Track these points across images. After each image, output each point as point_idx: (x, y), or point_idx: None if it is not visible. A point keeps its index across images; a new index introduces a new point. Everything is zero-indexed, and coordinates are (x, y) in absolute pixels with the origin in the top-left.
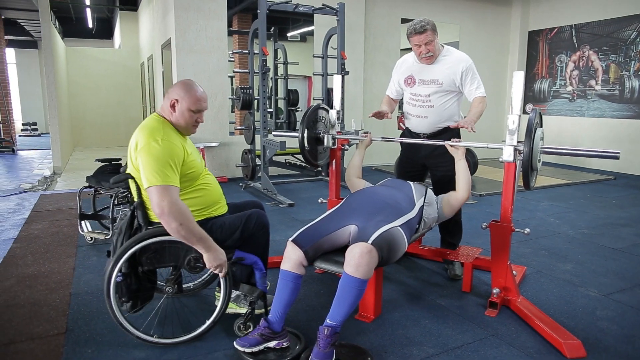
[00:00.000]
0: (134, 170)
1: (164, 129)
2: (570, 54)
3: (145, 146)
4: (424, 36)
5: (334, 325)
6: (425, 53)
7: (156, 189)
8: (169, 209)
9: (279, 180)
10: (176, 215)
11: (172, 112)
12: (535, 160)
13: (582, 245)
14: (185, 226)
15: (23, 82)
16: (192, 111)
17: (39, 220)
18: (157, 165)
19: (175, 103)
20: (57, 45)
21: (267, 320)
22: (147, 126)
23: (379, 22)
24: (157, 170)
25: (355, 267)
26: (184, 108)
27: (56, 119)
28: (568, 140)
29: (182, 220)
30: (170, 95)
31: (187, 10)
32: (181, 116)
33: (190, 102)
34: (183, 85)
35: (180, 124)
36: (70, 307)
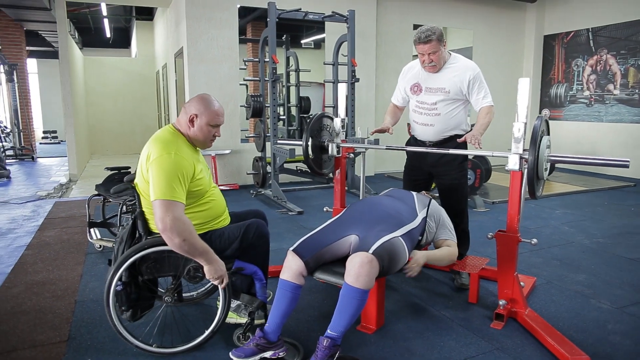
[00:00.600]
0: (143, 181)
1: (178, 142)
2: (587, 58)
3: (157, 158)
4: (428, 46)
5: (334, 336)
6: (428, 62)
7: (161, 203)
8: (171, 225)
9: (290, 188)
10: (179, 231)
11: (191, 127)
12: (541, 168)
13: (596, 255)
14: (188, 242)
15: (44, 91)
16: (211, 126)
17: (51, 227)
18: (166, 179)
19: (195, 118)
20: (74, 55)
21: (263, 331)
22: (161, 139)
23: (390, 29)
24: (165, 184)
25: (355, 277)
26: (203, 123)
27: (72, 127)
28: (585, 147)
29: (185, 237)
30: (188, 109)
31: (198, 20)
32: (200, 131)
33: (209, 117)
34: (202, 100)
35: (198, 138)
36: (74, 315)
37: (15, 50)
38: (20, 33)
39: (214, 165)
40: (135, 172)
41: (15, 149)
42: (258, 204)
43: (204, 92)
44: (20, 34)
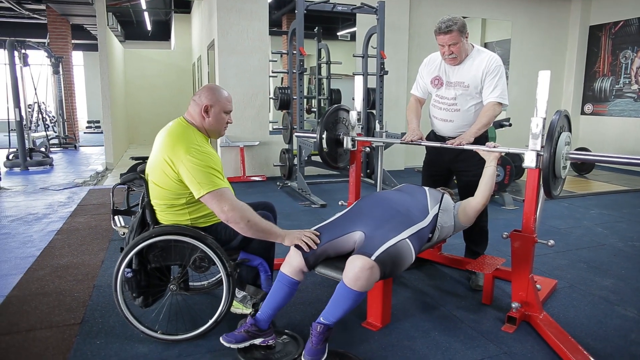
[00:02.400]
0: (162, 175)
1: (195, 137)
2: (637, 50)
3: (185, 158)
4: (449, 37)
5: (326, 323)
6: (448, 54)
7: (211, 197)
8: (231, 212)
9: (316, 180)
10: (241, 216)
11: (206, 118)
12: (558, 167)
13: (628, 259)
14: (252, 223)
15: (89, 82)
16: (225, 113)
17: (82, 214)
18: (203, 173)
19: (209, 108)
20: (114, 47)
21: (254, 318)
22: (177, 135)
23: (424, 21)
24: (204, 178)
25: (354, 280)
26: (217, 111)
27: (109, 118)
28: (631, 144)
29: (247, 219)
30: (199, 101)
31: (229, 12)
32: (215, 119)
33: (222, 105)
34: (211, 90)
35: (214, 127)
36: (91, 299)
37: (61, 44)
38: (66, 27)
39: (241, 157)
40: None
41: (59, 138)
42: (283, 196)
43: (234, 84)
44: (67, 28)
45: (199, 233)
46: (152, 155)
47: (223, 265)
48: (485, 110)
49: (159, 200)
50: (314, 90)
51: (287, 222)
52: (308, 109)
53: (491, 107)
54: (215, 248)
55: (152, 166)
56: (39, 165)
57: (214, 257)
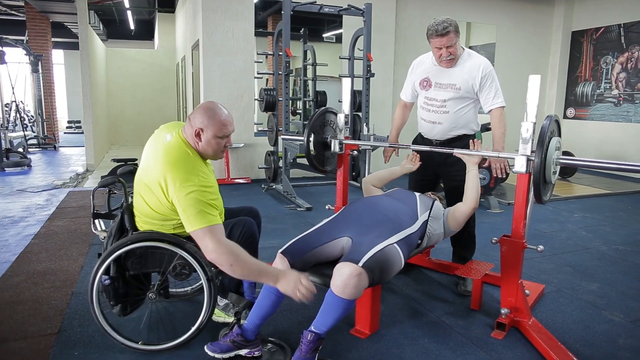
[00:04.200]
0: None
1: (195, 162)
2: (618, 55)
3: (181, 188)
4: (446, 39)
5: (317, 332)
6: (446, 57)
7: (198, 234)
8: (216, 252)
9: (302, 183)
10: (226, 257)
11: (198, 142)
12: (548, 172)
13: (613, 263)
14: (238, 266)
15: (70, 82)
16: (219, 137)
17: (61, 217)
18: (196, 207)
19: (201, 132)
20: (96, 46)
21: (240, 328)
22: (178, 162)
23: (410, 23)
24: (197, 213)
25: (342, 288)
26: (209, 136)
27: (90, 118)
28: (612, 148)
29: (232, 261)
30: (193, 122)
31: (214, 12)
32: (208, 145)
33: (216, 130)
34: (206, 111)
35: (208, 152)
36: (69, 307)
37: (41, 42)
38: (46, 25)
39: (226, 159)
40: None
41: (38, 138)
42: (268, 199)
43: (219, 84)
44: (46, 26)
45: (178, 239)
46: (144, 168)
47: (204, 272)
48: (498, 119)
49: (144, 216)
50: (299, 92)
51: (272, 225)
52: (293, 110)
53: (500, 114)
54: (196, 254)
55: (143, 181)
56: (16, 166)
57: (194, 264)
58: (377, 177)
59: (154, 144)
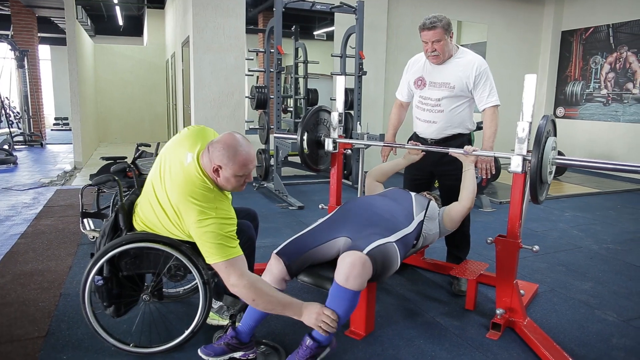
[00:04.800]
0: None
1: (212, 194)
2: (607, 55)
3: (198, 223)
4: (432, 33)
5: (319, 338)
6: (431, 52)
7: (221, 266)
8: (238, 287)
9: (293, 181)
10: (247, 292)
11: (217, 177)
12: (545, 172)
13: (605, 262)
14: (261, 300)
15: (57, 78)
16: (239, 176)
17: (48, 216)
18: (216, 244)
19: (219, 169)
20: (84, 42)
21: (235, 330)
22: (195, 194)
23: (402, 21)
24: (216, 249)
25: (346, 277)
26: (228, 175)
27: (78, 115)
28: (601, 147)
29: (255, 296)
30: (212, 157)
31: (205, 8)
32: (226, 182)
33: (235, 169)
34: (227, 149)
35: (226, 187)
36: (57, 309)
37: (26, 36)
38: (32, 19)
39: None
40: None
41: (24, 135)
42: (259, 197)
43: (209, 82)
44: (32, 20)
45: (174, 240)
46: (160, 179)
47: (200, 274)
48: (490, 118)
49: (150, 224)
50: (289, 89)
51: (264, 224)
52: (284, 108)
53: (492, 113)
54: (191, 256)
55: (155, 192)
56: (2, 163)
57: (189, 266)
58: (381, 171)
59: (174, 156)
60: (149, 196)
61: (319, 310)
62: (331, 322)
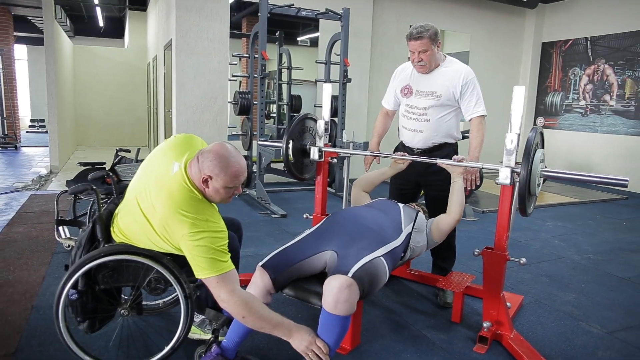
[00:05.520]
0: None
1: (201, 206)
2: (585, 67)
3: (188, 237)
4: (419, 43)
5: None
6: (418, 61)
7: (212, 281)
8: (228, 303)
9: (276, 189)
10: (237, 308)
11: (205, 188)
12: (533, 184)
13: (587, 273)
14: (251, 317)
15: (34, 78)
16: (229, 187)
17: (21, 223)
18: (208, 255)
19: (209, 180)
20: (62, 43)
21: (220, 347)
22: (183, 206)
23: (387, 29)
24: (208, 260)
25: (334, 304)
26: (218, 186)
27: (55, 117)
28: (579, 157)
29: (245, 313)
30: (202, 167)
31: (188, 11)
32: (215, 193)
33: (226, 181)
34: (218, 160)
35: (214, 199)
36: (28, 323)
37: (1, 35)
38: (7, 18)
39: None
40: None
41: None
42: (241, 205)
43: (192, 86)
44: (7, 19)
45: (155, 252)
46: (144, 191)
47: (181, 287)
48: (476, 128)
49: (131, 237)
50: (272, 95)
51: (246, 233)
52: (267, 114)
53: (479, 123)
54: (173, 268)
55: (139, 204)
56: None
57: (171, 279)
58: (368, 181)
59: (159, 166)
60: (131, 207)
61: (311, 340)
62: (321, 354)
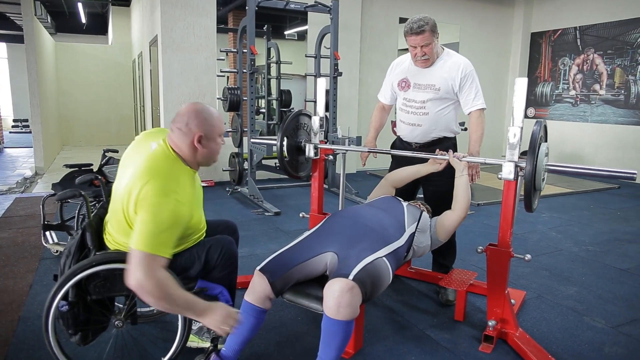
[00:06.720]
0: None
1: (178, 176)
2: (574, 57)
3: (151, 206)
4: (421, 38)
5: None
6: (421, 56)
7: (139, 256)
8: (142, 282)
9: (268, 185)
10: (152, 290)
11: (200, 149)
12: (538, 179)
13: (586, 265)
14: (165, 300)
15: (15, 77)
16: (220, 136)
17: (6, 228)
18: (156, 230)
19: (202, 139)
20: (43, 40)
21: (219, 356)
22: (159, 174)
23: (376, 22)
24: (153, 236)
25: (335, 309)
26: (215, 136)
27: (38, 117)
28: (570, 147)
29: (160, 295)
30: (188, 130)
31: (174, 6)
32: (210, 149)
33: (218, 129)
34: (201, 114)
35: (209, 156)
36: (15, 335)
37: None
38: None
39: None
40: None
41: None
42: (233, 203)
43: (179, 83)
44: None
45: None
46: (122, 178)
47: None
48: (476, 122)
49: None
50: (260, 89)
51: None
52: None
53: (479, 116)
54: None
55: (119, 193)
56: None
57: None
58: (401, 177)
59: (134, 153)
60: (116, 211)
61: (227, 315)
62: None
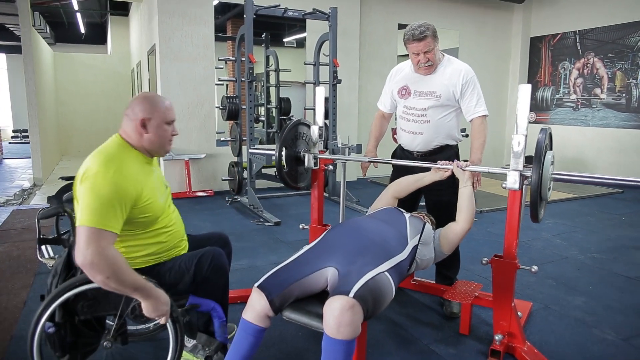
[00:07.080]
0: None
1: (123, 157)
2: (574, 61)
3: (92, 176)
4: (423, 44)
5: None
6: (424, 62)
7: (86, 232)
8: (92, 260)
9: (267, 195)
10: (102, 268)
11: (144, 133)
12: (545, 189)
13: (593, 273)
14: (114, 279)
15: (15, 88)
16: (167, 124)
17: (2, 241)
18: (99, 203)
19: (147, 121)
20: (41, 50)
21: None
22: (103, 152)
23: (375, 28)
24: (96, 209)
25: (336, 328)
26: (157, 123)
27: (37, 127)
28: (571, 151)
29: (109, 273)
30: (133, 115)
31: (171, 16)
32: (156, 134)
33: (163, 115)
34: (147, 100)
35: (155, 143)
36: (7, 356)
37: None
38: None
39: (187, 171)
40: None
41: None
42: (233, 213)
43: (178, 92)
44: None
45: None
46: None
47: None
48: (478, 129)
49: None
50: (259, 98)
51: (239, 243)
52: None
53: (481, 123)
54: None
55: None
56: None
57: None
58: (404, 187)
59: None
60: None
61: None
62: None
